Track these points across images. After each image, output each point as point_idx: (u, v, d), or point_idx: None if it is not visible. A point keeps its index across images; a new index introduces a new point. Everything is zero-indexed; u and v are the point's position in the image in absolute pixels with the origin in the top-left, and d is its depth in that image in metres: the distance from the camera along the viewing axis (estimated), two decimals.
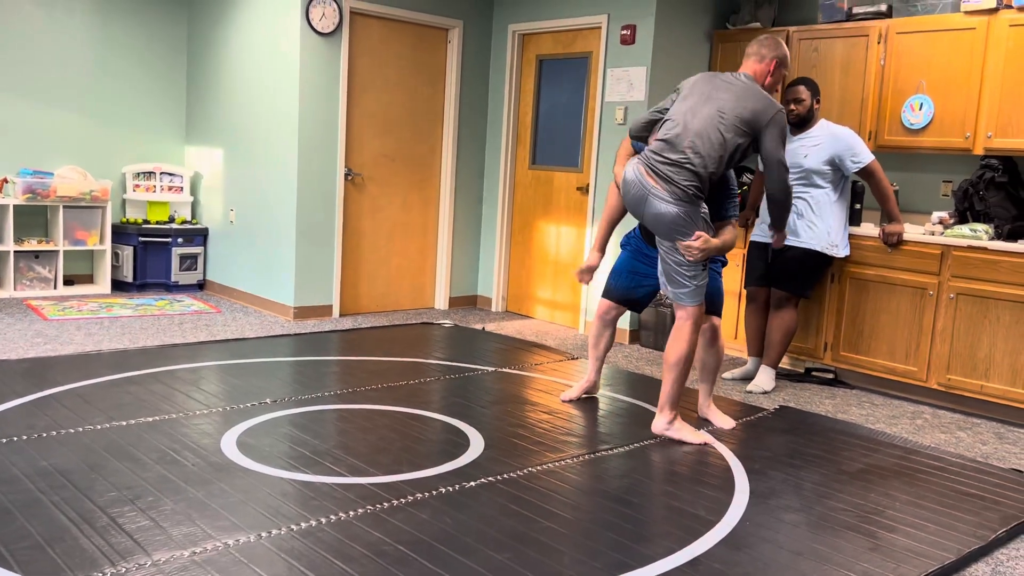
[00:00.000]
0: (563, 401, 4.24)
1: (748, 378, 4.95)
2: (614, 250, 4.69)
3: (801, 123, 4.67)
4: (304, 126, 5.79)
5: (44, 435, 3.31)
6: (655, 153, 3.61)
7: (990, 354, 4.41)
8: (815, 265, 4.74)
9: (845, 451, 3.75)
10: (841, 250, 4.73)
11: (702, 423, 4.01)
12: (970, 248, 4.47)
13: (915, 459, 3.71)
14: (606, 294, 4.16)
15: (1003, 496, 3.32)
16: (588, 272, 4.13)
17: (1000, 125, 4.60)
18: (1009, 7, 4.56)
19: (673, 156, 3.56)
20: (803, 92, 4.63)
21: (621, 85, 5.74)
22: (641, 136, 3.84)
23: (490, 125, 6.73)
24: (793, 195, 4.66)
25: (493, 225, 6.74)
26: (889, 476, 3.47)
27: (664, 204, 3.54)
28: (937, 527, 2.98)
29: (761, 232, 4.85)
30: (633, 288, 4.08)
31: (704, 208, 3.60)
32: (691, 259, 3.59)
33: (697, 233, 3.55)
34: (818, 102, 4.68)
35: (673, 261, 3.63)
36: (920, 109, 4.88)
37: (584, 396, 4.32)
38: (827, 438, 3.93)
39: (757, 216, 5.25)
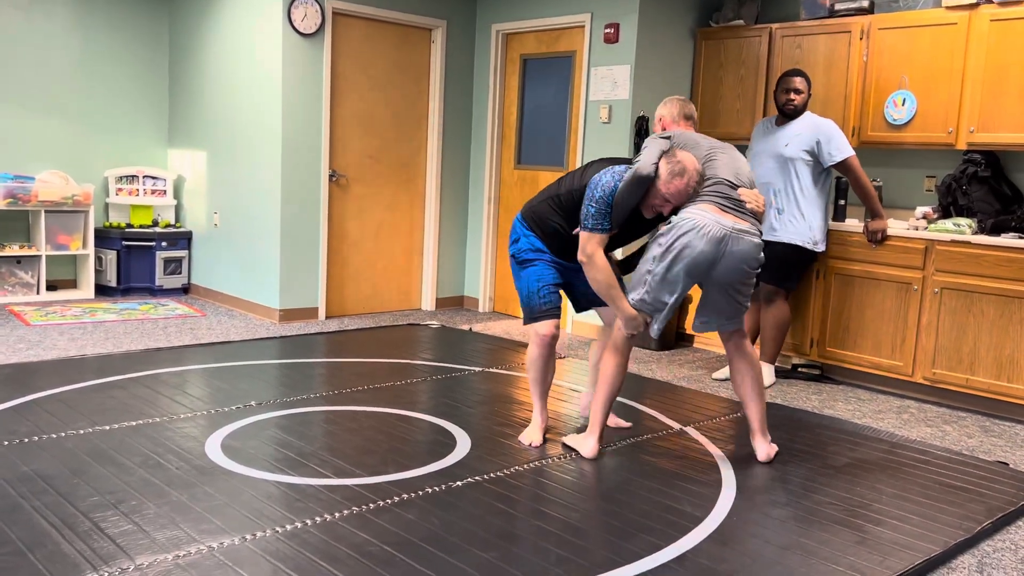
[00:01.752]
0: (534, 447, 3.55)
1: None
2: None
3: (797, 115, 4.67)
4: (287, 127, 5.76)
5: (26, 440, 3.28)
6: (720, 195, 3.26)
7: (975, 348, 4.43)
8: (797, 260, 4.74)
9: (831, 446, 3.76)
10: (820, 245, 4.74)
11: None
12: (954, 242, 4.48)
13: (901, 453, 3.72)
14: (551, 309, 3.47)
15: (989, 488, 3.33)
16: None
17: (982, 120, 4.62)
18: (990, 2, 4.58)
19: (734, 195, 3.28)
20: (801, 83, 4.64)
21: (605, 84, 5.74)
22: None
23: (475, 125, 6.72)
24: (771, 189, 4.67)
25: (479, 225, 6.73)
26: (875, 470, 3.48)
27: (752, 238, 3.25)
28: (923, 520, 2.98)
29: None
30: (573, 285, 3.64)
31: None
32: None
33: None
34: (810, 95, 4.70)
35: (746, 287, 3.36)
36: (903, 104, 4.90)
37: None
38: (814, 433, 3.93)
39: None
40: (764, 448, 3.51)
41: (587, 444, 3.44)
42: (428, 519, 2.76)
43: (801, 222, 4.66)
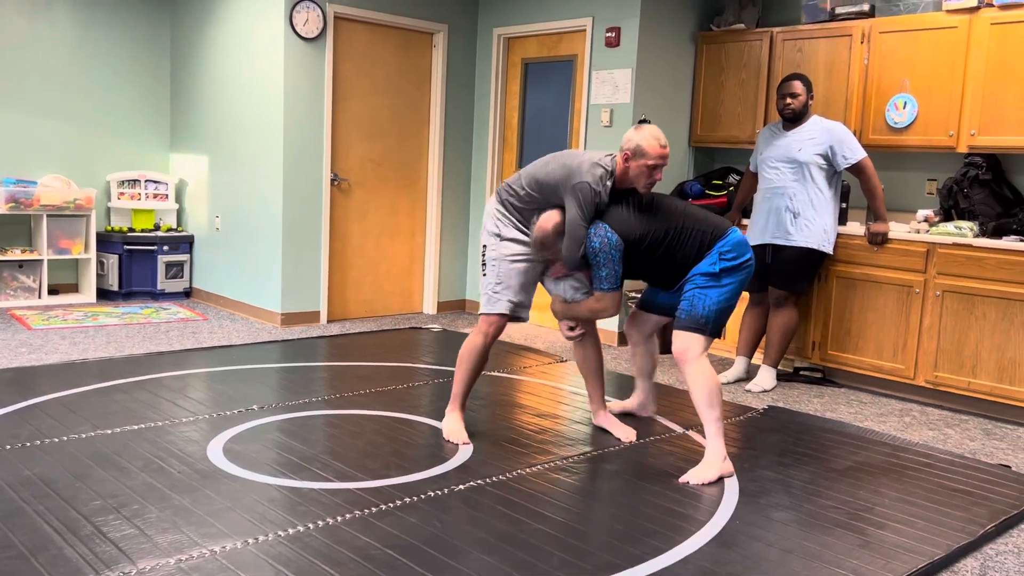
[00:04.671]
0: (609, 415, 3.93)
1: (740, 379, 4.95)
2: None
3: (795, 118, 4.68)
4: (289, 131, 5.77)
5: (28, 444, 3.28)
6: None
7: (977, 351, 4.43)
8: (811, 263, 4.75)
9: (834, 449, 3.76)
10: (829, 247, 4.75)
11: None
12: (955, 245, 4.48)
13: (904, 456, 3.71)
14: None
15: (991, 491, 3.32)
16: None
17: (983, 123, 4.62)
18: (990, 5, 4.58)
19: None
20: (799, 87, 4.64)
21: (607, 87, 5.74)
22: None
23: (476, 129, 6.73)
24: (787, 194, 4.67)
25: (480, 229, 6.72)
26: (878, 473, 3.48)
27: None
28: (926, 523, 2.98)
29: (755, 235, 4.85)
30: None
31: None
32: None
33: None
34: (812, 98, 4.70)
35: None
36: (904, 108, 4.90)
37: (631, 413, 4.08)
38: (816, 437, 3.93)
39: (744, 217, 5.26)
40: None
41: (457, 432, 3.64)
42: (430, 523, 2.76)
43: (816, 225, 4.66)
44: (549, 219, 3.48)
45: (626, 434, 3.75)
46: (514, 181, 3.64)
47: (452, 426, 3.65)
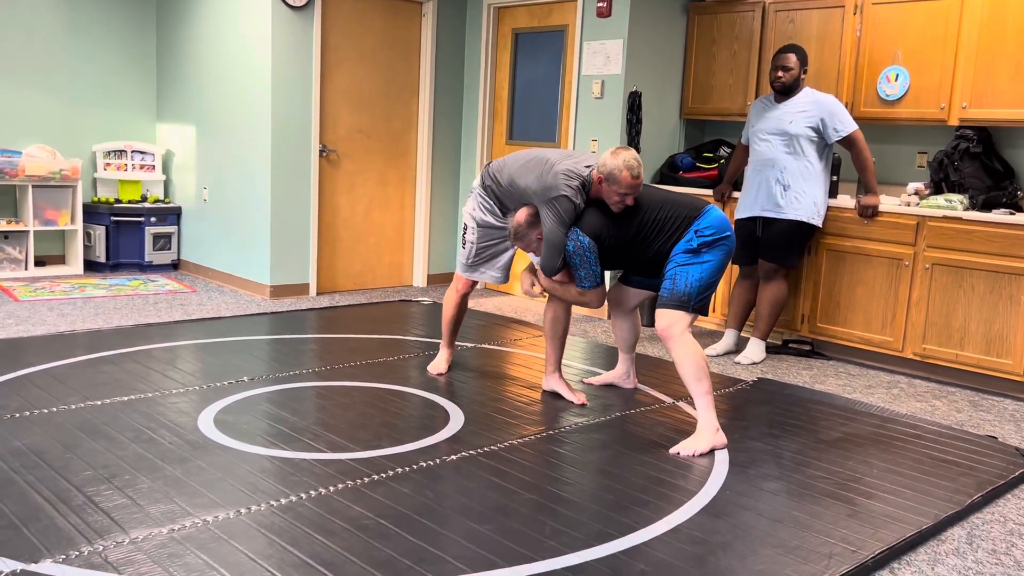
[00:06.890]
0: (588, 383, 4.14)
1: (730, 352, 4.97)
2: None
3: (786, 91, 4.67)
4: (277, 102, 5.71)
5: (17, 415, 3.26)
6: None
7: (965, 323, 4.45)
8: (801, 236, 4.75)
9: (823, 420, 3.78)
10: (819, 220, 4.75)
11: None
12: (945, 218, 4.49)
13: (892, 427, 3.74)
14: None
15: (978, 462, 3.35)
16: None
17: (975, 95, 4.62)
18: None
19: None
20: (792, 60, 4.63)
21: (598, 58, 5.70)
22: None
23: (466, 100, 6.68)
24: (777, 166, 4.68)
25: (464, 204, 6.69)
26: (866, 444, 3.50)
27: None
28: (914, 493, 3.01)
29: (745, 208, 4.84)
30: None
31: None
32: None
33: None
34: (805, 71, 4.69)
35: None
36: (896, 80, 4.89)
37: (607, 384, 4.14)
38: (805, 408, 3.95)
39: (735, 190, 5.25)
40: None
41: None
42: (422, 492, 2.77)
43: (806, 198, 4.66)
44: (523, 212, 3.68)
45: (577, 397, 3.83)
46: (497, 170, 3.81)
47: (436, 359, 4.27)
